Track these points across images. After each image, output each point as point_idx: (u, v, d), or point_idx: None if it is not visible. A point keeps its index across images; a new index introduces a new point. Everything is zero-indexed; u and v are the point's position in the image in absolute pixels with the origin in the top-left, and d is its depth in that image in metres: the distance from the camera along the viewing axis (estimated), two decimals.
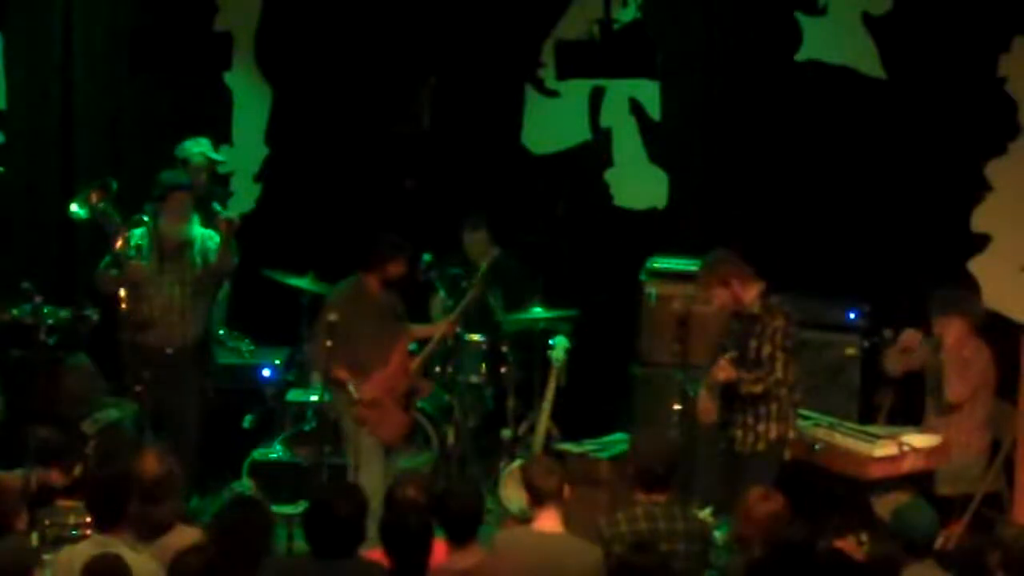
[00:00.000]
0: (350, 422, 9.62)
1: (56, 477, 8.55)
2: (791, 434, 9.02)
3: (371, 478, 9.21)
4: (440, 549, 6.94)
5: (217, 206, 10.14)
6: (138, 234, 10.00)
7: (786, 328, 8.90)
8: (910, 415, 9.80)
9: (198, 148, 11.09)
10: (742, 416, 8.94)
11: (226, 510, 6.88)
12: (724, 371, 8.90)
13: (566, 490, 7.37)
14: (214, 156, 11.22)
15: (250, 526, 6.68)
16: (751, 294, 8.97)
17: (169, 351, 9.95)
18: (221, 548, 6.47)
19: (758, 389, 8.87)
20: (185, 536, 7.03)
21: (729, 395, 8.99)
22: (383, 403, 9.61)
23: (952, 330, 9.54)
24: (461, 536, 7.03)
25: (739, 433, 8.95)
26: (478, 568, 7.00)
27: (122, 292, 9.89)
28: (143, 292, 9.90)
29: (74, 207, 10.08)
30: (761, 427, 8.91)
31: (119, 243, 9.88)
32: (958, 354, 9.51)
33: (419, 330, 10.07)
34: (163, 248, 9.95)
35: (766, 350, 8.87)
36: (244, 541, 6.58)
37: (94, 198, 9.96)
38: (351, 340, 9.44)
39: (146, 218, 10.02)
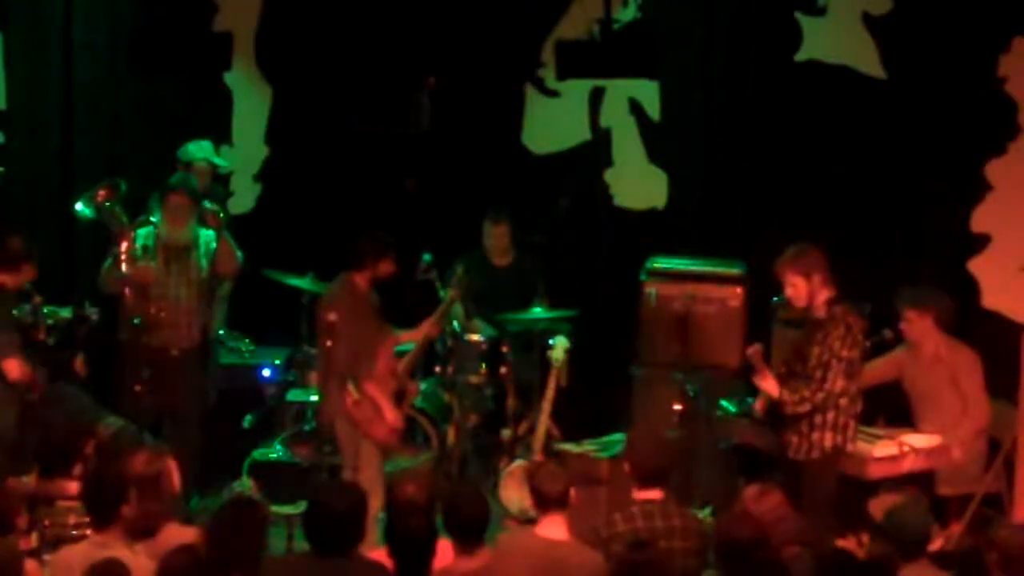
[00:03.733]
0: (346, 425, 9.58)
1: (57, 488, 8.53)
2: (849, 446, 8.76)
3: (371, 480, 9.19)
4: (444, 548, 6.94)
5: (207, 203, 10.13)
6: (143, 234, 9.99)
7: (845, 336, 8.61)
8: (910, 416, 9.79)
9: (201, 153, 11.09)
10: (797, 423, 8.70)
11: (222, 510, 6.88)
12: (767, 383, 8.68)
13: (571, 495, 7.36)
14: (217, 161, 11.22)
15: (246, 526, 6.68)
16: (821, 298, 8.74)
17: (174, 352, 9.95)
18: (217, 548, 6.48)
19: (804, 409, 8.60)
20: (178, 536, 7.04)
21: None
22: (375, 404, 9.58)
23: (915, 325, 9.51)
24: (468, 542, 7.02)
25: (794, 439, 8.70)
26: (482, 571, 6.99)
27: (127, 293, 9.88)
28: (150, 293, 9.90)
29: (79, 206, 10.06)
30: (816, 435, 8.65)
31: (124, 244, 9.88)
32: (934, 355, 9.50)
33: (404, 335, 9.97)
34: (167, 249, 9.96)
35: (824, 357, 8.59)
36: (240, 541, 6.58)
37: (100, 196, 9.95)
38: (347, 341, 9.39)
39: (153, 219, 10.02)
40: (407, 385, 9.86)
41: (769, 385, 8.66)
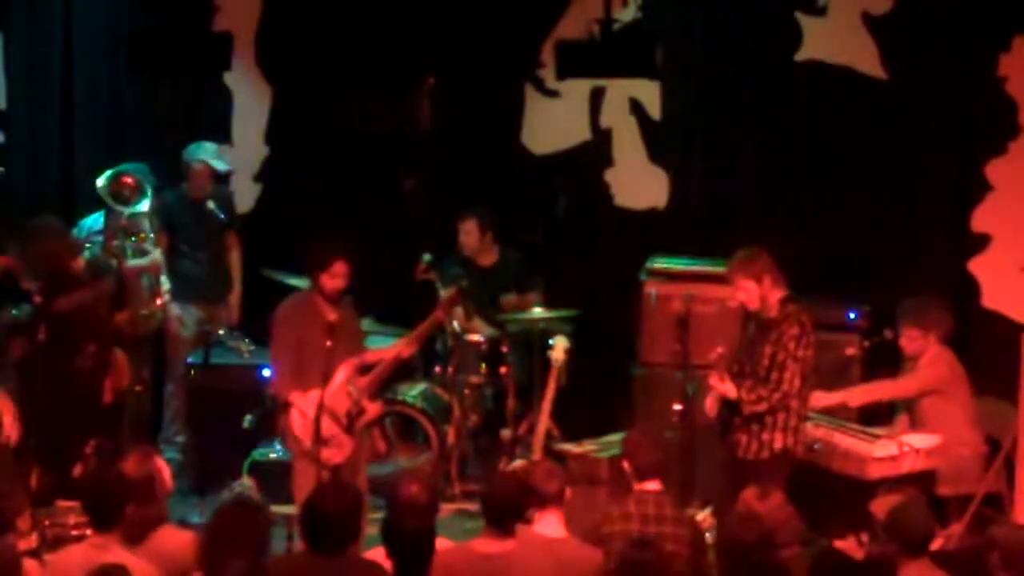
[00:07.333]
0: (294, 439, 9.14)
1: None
2: (799, 448, 8.84)
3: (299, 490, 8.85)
4: (443, 548, 6.95)
5: (211, 204, 10.07)
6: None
7: (800, 336, 8.68)
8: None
9: (202, 154, 11.06)
10: (747, 422, 8.77)
11: (223, 511, 6.88)
12: (725, 386, 8.75)
13: (567, 492, 7.37)
14: (215, 164, 11.17)
15: (248, 527, 6.68)
16: (774, 298, 8.80)
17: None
18: (219, 550, 6.48)
19: (761, 408, 8.68)
20: (173, 537, 7.05)
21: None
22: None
23: (917, 343, 9.54)
24: (502, 525, 7.05)
25: (743, 439, 8.77)
26: (502, 557, 7.00)
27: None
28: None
29: (100, 181, 10.12)
30: (766, 436, 8.72)
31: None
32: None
33: (372, 352, 9.38)
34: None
35: (779, 356, 8.66)
36: (242, 542, 6.57)
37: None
38: (296, 353, 9.04)
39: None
40: (365, 404, 9.09)
41: (728, 388, 8.73)
